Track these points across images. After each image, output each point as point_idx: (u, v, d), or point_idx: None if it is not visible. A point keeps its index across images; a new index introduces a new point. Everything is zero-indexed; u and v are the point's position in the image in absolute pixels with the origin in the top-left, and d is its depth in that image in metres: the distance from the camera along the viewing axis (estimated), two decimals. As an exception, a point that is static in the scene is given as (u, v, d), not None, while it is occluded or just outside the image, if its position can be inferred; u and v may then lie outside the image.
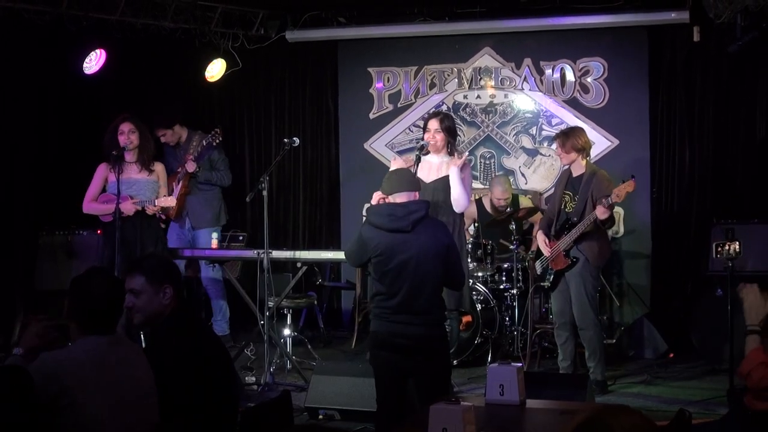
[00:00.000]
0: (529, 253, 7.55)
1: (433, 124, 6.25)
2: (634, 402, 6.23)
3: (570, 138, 6.51)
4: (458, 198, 6.12)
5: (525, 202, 8.11)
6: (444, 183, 6.18)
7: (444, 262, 4.77)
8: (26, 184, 8.14)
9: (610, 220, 6.41)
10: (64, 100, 8.45)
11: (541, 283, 6.82)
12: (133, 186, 6.74)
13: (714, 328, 7.18)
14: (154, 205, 6.75)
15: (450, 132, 6.27)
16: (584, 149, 6.52)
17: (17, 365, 3.24)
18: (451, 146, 6.29)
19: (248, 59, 8.96)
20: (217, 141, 8.00)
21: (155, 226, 6.93)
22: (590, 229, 6.33)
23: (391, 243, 4.71)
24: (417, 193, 4.94)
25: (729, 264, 6.12)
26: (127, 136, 6.71)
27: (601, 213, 6.20)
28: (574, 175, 6.55)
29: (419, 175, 5.93)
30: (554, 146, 6.75)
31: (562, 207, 6.57)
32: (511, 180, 8.30)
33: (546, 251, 6.59)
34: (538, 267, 6.75)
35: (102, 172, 6.82)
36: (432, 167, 6.25)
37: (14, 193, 8.04)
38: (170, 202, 6.85)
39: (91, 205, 6.85)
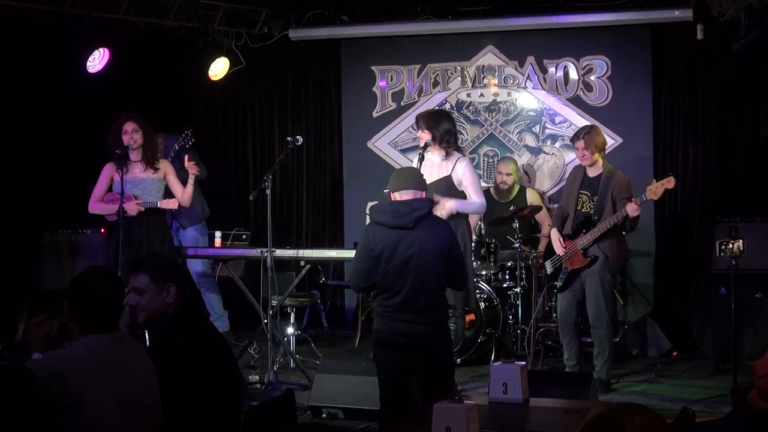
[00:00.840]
0: (532, 251, 7.55)
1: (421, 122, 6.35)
2: (637, 401, 6.23)
3: (593, 137, 6.46)
4: (476, 212, 6.46)
5: (532, 195, 8.09)
6: (443, 183, 6.19)
7: (446, 261, 4.76)
8: (29, 183, 8.15)
9: (636, 221, 6.37)
10: (67, 100, 8.45)
11: (554, 283, 6.80)
12: (139, 185, 6.73)
13: (718, 326, 7.18)
14: (157, 207, 6.76)
15: (439, 129, 6.23)
16: (604, 148, 6.52)
17: (19, 364, 3.24)
18: (448, 143, 6.28)
19: (251, 58, 8.97)
20: (190, 143, 7.49)
21: (161, 225, 6.90)
22: (612, 227, 6.30)
23: (393, 240, 4.71)
24: (423, 192, 4.94)
25: (732, 262, 6.12)
26: (131, 135, 6.70)
27: (633, 210, 6.17)
28: (591, 175, 6.51)
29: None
30: (578, 145, 6.55)
31: (579, 207, 6.54)
32: (515, 176, 8.25)
33: (560, 250, 6.57)
34: (549, 267, 6.73)
35: (108, 171, 6.80)
36: (433, 166, 6.26)
37: (17, 192, 8.05)
38: (173, 204, 6.82)
39: (96, 205, 6.82)
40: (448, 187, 6.18)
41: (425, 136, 6.24)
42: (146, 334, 5.66)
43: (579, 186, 6.56)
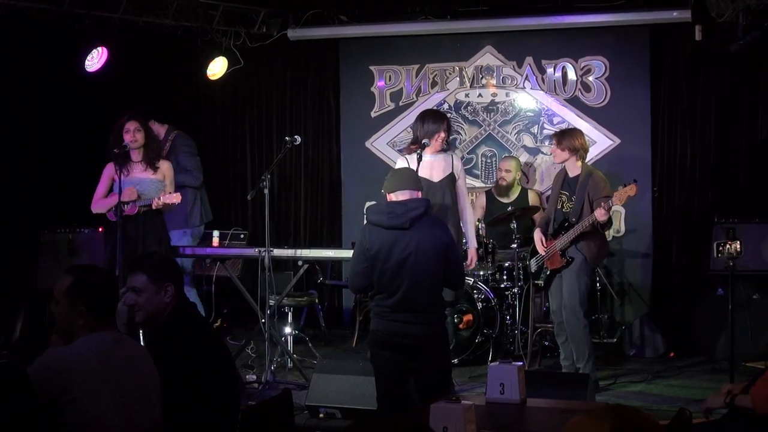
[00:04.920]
0: (518, 251, 7.54)
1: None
2: (634, 401, 6.22)
3: (566, 137, 6.58)
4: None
5: (533, 197, 8.10)
6: (450, 180, 6.23)
7: (444, 261, 4.77)
8: (28, 182, 8.14)
9: (609, 222, 6.42)
10: (67, 98, 8.46)
11: (536, 282, 6.83)
12: (138, 185, 6.70)
13: (715, 327, 7.20)
14: (159, 200, 6.75)
15: (450, 129, 6.39)
16: (579, 150, 6.53)
17: (8, 362, 3.22)
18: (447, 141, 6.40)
19: (250, 57, 8.97)
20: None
21: (159, 225, 6.86)
22: (589, 229, 6.34)
23: (389, 241, 4.72)
24: (419, 192, 4.94)
25: (730, 263, 6.13)
26: (133, 134, 6.69)
27: (600, 215, 6.20)
28: (570, 175, 6.57)
29: (424, 174, 5.95)
30: (550, 143, 6.81)
31: (559, 207, 6.59)
32: (515, 174, 8.22)
33: (541, 250, 6.62)
34: (533, 265, 6.76)
35: (109, 171, 6.76)
36: (435, 165, 6.27)
37: (17, 191, 8.04)
38: (175, 198, 6.79)
39: (98, 203, 6.79)
40: (451, 183, 6.25)
41: (443, 135, 6.26)
42: (140, 334, 5.62)
43: (560, 186, 6.62)
